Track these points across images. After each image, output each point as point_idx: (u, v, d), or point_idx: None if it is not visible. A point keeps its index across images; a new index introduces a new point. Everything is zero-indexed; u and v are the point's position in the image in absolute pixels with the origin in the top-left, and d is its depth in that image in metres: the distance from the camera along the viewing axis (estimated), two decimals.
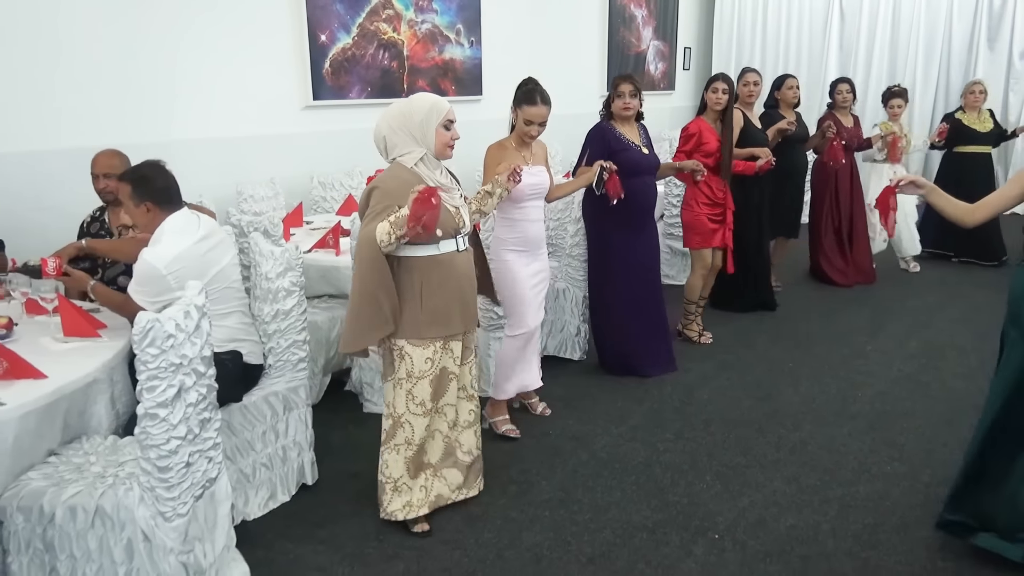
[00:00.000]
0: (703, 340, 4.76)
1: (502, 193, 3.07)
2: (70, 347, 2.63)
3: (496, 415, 3.56)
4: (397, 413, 2.74)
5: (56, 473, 2.29)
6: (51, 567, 2.22)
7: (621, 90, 3.93)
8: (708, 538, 2.78)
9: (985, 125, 6.42)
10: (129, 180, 2.68)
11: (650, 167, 4.05)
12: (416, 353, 2.67)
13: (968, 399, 3.93)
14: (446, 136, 2.67)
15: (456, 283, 2.70)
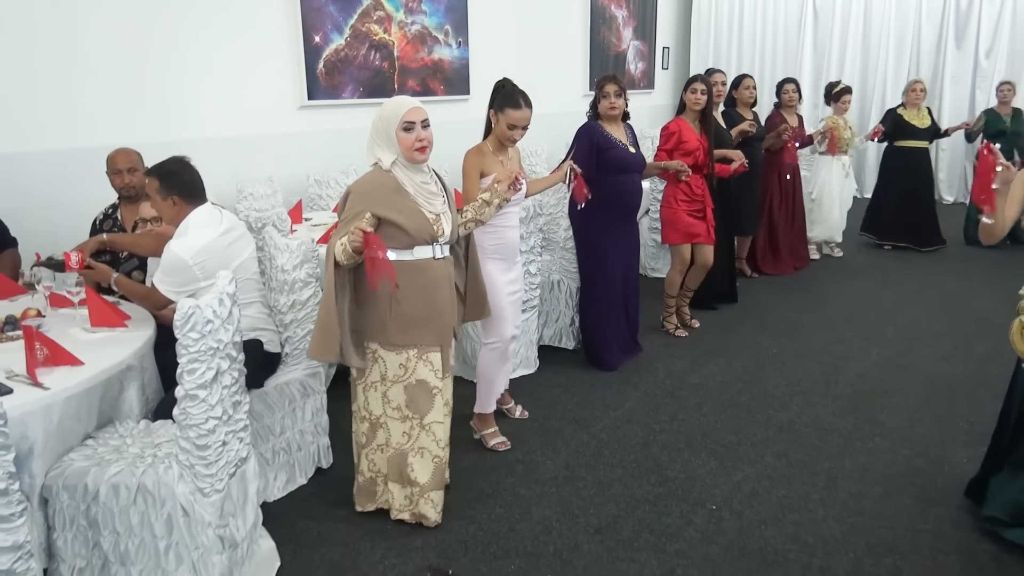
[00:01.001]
0: (678, 334, 4.86)
1: (501, 203, 3.01)
2: (98, 337, 2.75)
3: (485, 428, 3.48)
4: (374, 416, 2.73)
5: (96, 454, 2.41)
6: (94, 542, 2.35)
7: (606, 90, 4.00)
8: (706, 509, 2.97)
9: (924, 121, 6.78)
10: (157, 175, 2.81)
11: (636, 165, 4.13)
12: (389, 358, 2.65)
13: (943, 380, 4.16)
14: (408, 139, 2.55)
15: (429, 292, 2.64)
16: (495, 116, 3.22)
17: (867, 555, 2.67)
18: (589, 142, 4.01)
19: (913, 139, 6.77)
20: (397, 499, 2.80)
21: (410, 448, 2.72)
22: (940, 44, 9.34)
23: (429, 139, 2.58)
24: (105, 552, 2.34)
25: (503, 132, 3.21)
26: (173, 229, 3.09)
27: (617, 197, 4.07)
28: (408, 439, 2.72)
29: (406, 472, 2.74)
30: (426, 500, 2.78)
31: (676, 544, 2.74)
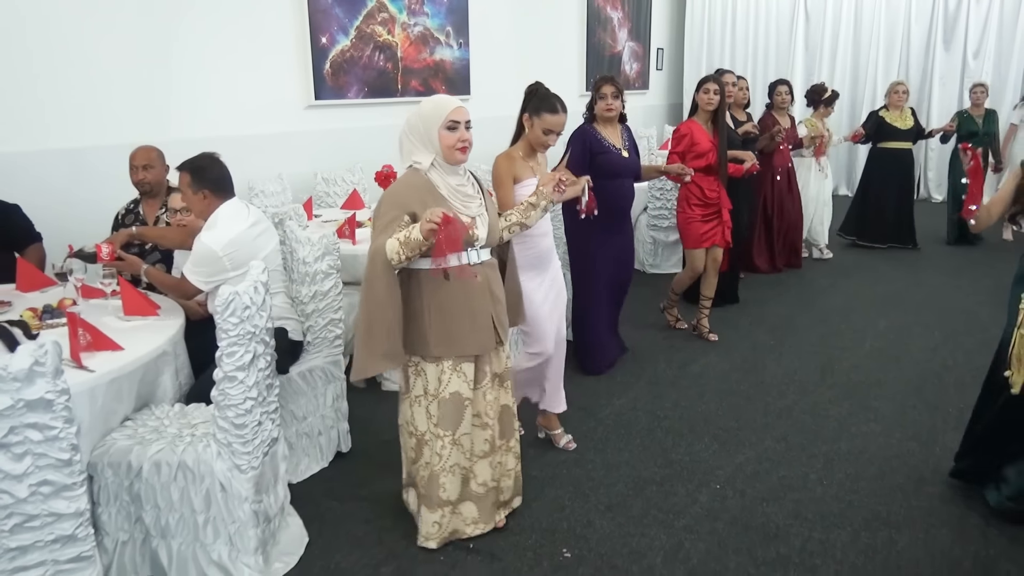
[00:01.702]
0: (679, 326, 4.96)
1: (547, 205, 2.81)
2: (132, 325, 2.88)
3: (553, 427, 3.49)
4: (420, 431, 2.65)
5: (137, 434, 2.54)
6: (136, 517, 2.48)
7: (603, 92, 3.91)
8: (711, 488, 3.12)
9: (906, 123, 6.86)
10: (188, 169, 2.94)
11: (629, 170, 4.04)
12: (430, 370, 2.59)
13: (933, 369, 4.33)
14: (451, 138, 2.47)
15: (466, 299, 2.55)
16: (529, 121, 3.15)
17: (864, 529, 2.83)
18: (582, 146, 3.94)
19: (896, 140, 6.85)
20: (424, 526, 2.71)
21: (442, 468, 2.65)
22: (929, 45, 9.55)
23: (471, 140, 2.52)
24: (147, 526, 2.48)
25: (537, 137, 3.14)
26: (199, 222, 3.22)
27: (608, 201, 3.86)
28: (439, 459, 2.64)
29: (437, 494, 2.67)
30: (457, 515, 2.73)
31: (683, 520, 2.89)
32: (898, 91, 6.83)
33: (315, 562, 2.66)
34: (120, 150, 3.86)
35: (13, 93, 4.01)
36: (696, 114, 4.63)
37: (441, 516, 2.70)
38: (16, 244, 3.72)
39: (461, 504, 2.73)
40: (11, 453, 1.84)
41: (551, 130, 3.11)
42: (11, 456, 1.84)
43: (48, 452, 1.88)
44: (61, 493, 1.92)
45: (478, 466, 2.73)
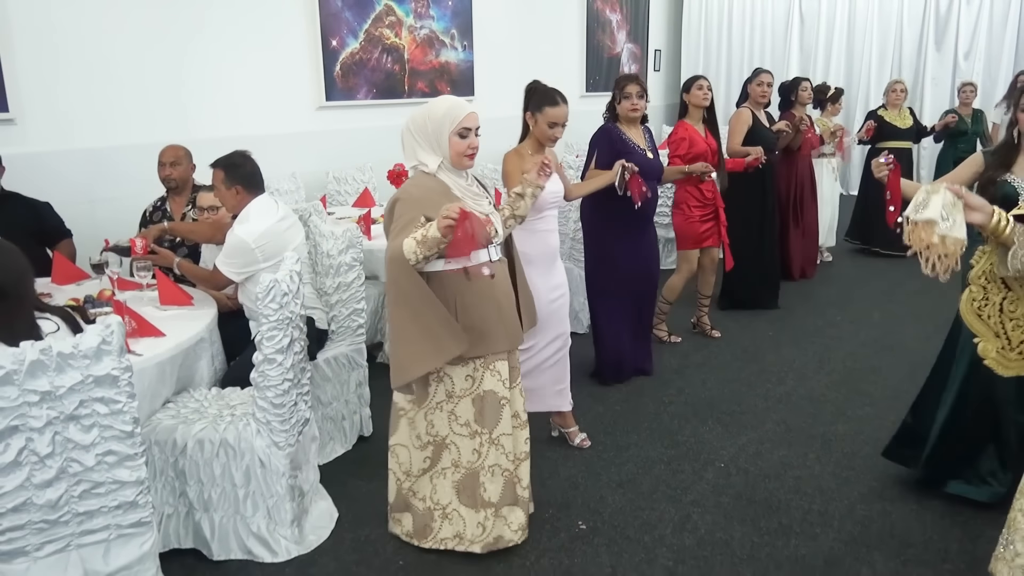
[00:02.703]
0: (673, 339, 4.81)
1: (534, 192, 2.79)
2: (169, 314, 3.04)
3: (567, 425, 3.51)
4: (440, 436, 2.59)
5: (180, 414, 2.71)
6: (180, 491, 2.65)
7: (628, 91, 3.83)
8: (715, 467, 3.30)
9: (905, 122, 6.87)
10: (222, 166, 3.11)
11: (654, 171, 3.95)
12: (455, 372, 2.53)
13: (925, 357, 4.45)
14: (461, 145, 2.46)
15: (492, 296, 2.54)
16: (532, 118, 3.20)
17: (860, 502, 3.01)
18: (609, 145, 3.85)
19: (896, 140, 6.75)
20: (470, 528, 2.62)
21: (481, 466, 2.58)
22: (921, 46, 9.75)
23: (478, 147, 2.53)
24: (191, 500, 2.65)
25: (543, 132, 3.18)
26: (227, 217, 3.39)
27: (629, 204, 3.79)
28: (478, 456, 2.58)
29: (479, 493, 2.59)
30: (500, 520, 2.63)
31: (690, 495, 3.07)
32: (896, 89, 6.83)
33: (345, 535, 2.82)
34: (141, 150, 4.04)
35: (41, 96, 4.18)
36: (687, 115, 4.57)
37: (484, 518, 2.60)
38: (48, 240, 3.88)
39: (505, 508, 2.64)
40: (81, 425, 2.01)
41: (555, 122, 3.17)
42: (81, 428, 2.01)
43: (113, 424, 2.05)
44: (124, 462, 2.09)
45: (521, 469, 2.66)
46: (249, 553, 2.66)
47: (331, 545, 2.77)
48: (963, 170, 2.93)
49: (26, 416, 1.93)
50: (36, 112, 4.18)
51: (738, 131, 5.09)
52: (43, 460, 1.97)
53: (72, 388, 1.97)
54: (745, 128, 5.09)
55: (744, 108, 5.16)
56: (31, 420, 1.94)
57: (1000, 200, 2.67)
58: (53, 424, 1.97)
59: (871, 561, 2.65)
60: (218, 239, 3.37)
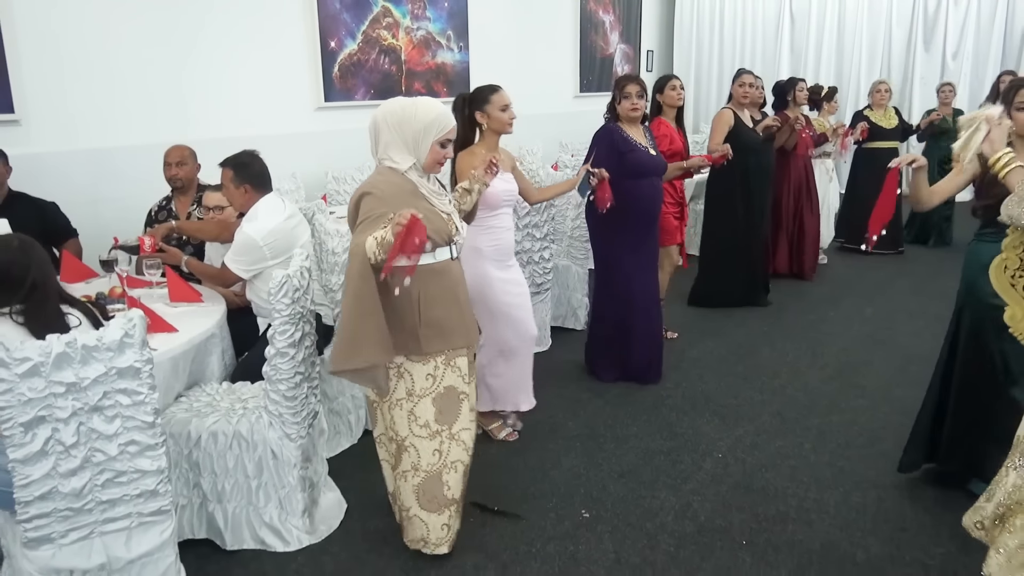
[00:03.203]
0: (669, 335, 4.77)
1: (480, 188, 2.83)
2: (180, 311, 3.10)
3: (491, 422, 3.55)
4: (400, 436, 2.57)
5: (193, 408, 2.77)
6: (195, 483, 2.71)
7: (628, 91, 3.87)
8: (713, 457, 3.38)
9: (891, 122, 6.93)
10: (232, 165, 3.17)
11: (657, 168, 3.99)
12: (416, 370, 2.51)
13: (916, 351, 4.61)
14: (440, 154, 2.51)
15: (453, 292, 2.57)
16: (483, 115, 3.25)
17: (854, 489, 3.10)
18: (610, 145, 3.88)
19: (882, 140, 6.80)
20: (433, 532, 2.62)
21: (443, 464, 2.59)
22: (910, 47, 9.87)
23: (450, 156, 2.64)
24: (204, 491, 2.71)
25: (500, 119, 3.24)
26: (233, 216, 3.46)
27: (637, 203, 3.89)
28: (439, 456, 2.58)
29: (442, 493, 2.60)
30: (458, 512, 2.69)
31: (690, 484, 3.15)
32: (880, 90, 6.91)
33: (355, 525, 2.89)
34: (143, 150, 4.10)
35: (45, 97, 4.23)
36: (662, 113, 4.65)
37: (448, 517, 2.63)
38: (54, 239, 3.93)
39: (462, 501, 2.70)
40: (104, 415, 2.07)
41: (506, 104, 3.25)
42: (104, 418, 2.07)
43: (135, 415, 2.11)
44: (145, 452, 2.15)
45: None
46: (262, 543, 2.73)
47: (341, 535, 2.84)
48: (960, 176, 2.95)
49: (52, 407, 1.99)
50: (41, 113, 4.23)
51: (718, 131, 5.12)
52: (68, 450, 2.03)
53: (96, 380, 2.04)
54: (726, 128, 5.12)
55: (726, 109, 5.24)
56: (57, 411, 2.00)
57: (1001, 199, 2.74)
58: (78, 415, 2.03)
59: (866, 545, 2.74)
60: (225, 238, 3.44)
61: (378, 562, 2.68)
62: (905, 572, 2.60)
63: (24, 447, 1.98)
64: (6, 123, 4.08)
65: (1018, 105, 2.68)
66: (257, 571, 2.63)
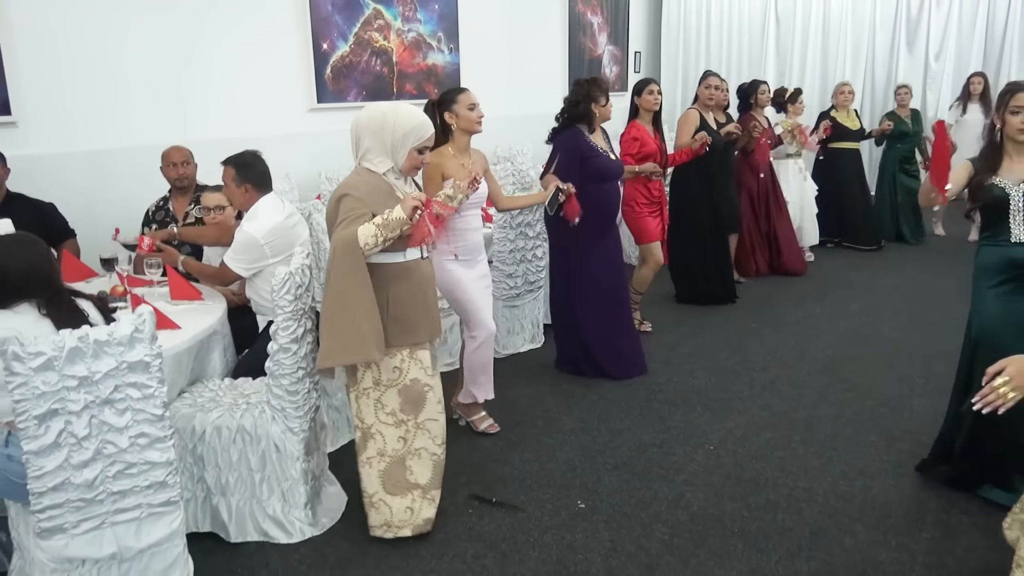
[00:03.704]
0: (644, 328, 4.97)
1: (462, 199, 2.87)
2: (181, 308, 3.15)
3: (474, 414, 3.62)
4: (366, 424, 2.69)
5: (197, 403, 2.83)
6: (199, 477, 2.77)
7: (600, 99, 4.03)
8: (705, 449, 3.46)
9: (854, 123, 7.09)
10: (234, 165, 3.23)
11: (617, 172, 4.14)
12: (383, 362, 2.62)
13: (901, 345, 4.72)
14: (417, 160, 2.63)
15: (421, 290, 2.69)
16: (452, 115, 3.29)
17: (842, 478, 3.19)
18: (575, 151, 3.97)
19: (845, 141, 6.97)
20: (397, 514, 2.74)
21: (407, 451, 2.72)
22: (893, 49, 10.01)
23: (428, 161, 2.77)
24: (208, 485, 2.77)
25: (468, 118, 3.29)
26: (232, 218, 3.51)
27: (599, 205, 4.01)
28: (404, 443, 2.71)
29: (405, 477, 2.72)
30: (429, 501, 2.77)
31: (683, 475, 3.23)
32: (844, 91, 7.03)
33: (356, 517, 2.94)
34: (139, 152, 4.13)
35: (43, 99, 4.26)
36: (639, 116, 4.76)
37: (412, 500, 2.73)
38: (53, 240, 3.90)
39: (434, 491, 2.78)
40: (115, 408, 2.12)
41: (474, 103, 3.30)
42: (115, 411, 2.12)
43: (145, 408, 2.17)
44: (154, 444, 2.20)
45: (443, 453, 2.80)
46: (265, 535, 2.79)
47: (343, 527, 2.90)
48: (958, 175, 2.94)
49: (65, 400, 2.04)
50: (38, 115, 4.26)
51: (685, 131, 5.21)
52: (80, 442, 2.08)
53: (107, 374, 2.09)
54: (692, 128, 5.20)
55: (692, 109, 5.34)
56: (70, 404, 2.05)
57: (991, 202, 2.81)
58: (90, 408, 2.08)
59: (853, 531, 2.83)
60: (225, 242, 3.48)
61: (379, 551, 2.74)
62: (892, 556, 2.68)
63: (38, 439, 2.03)
64: (4, 125, 4.11)
65: (1012, 109, 2.75)
66: (261, 562, 2.69)
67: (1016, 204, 2.76)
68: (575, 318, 4.22)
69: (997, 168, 2.81)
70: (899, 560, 2.66)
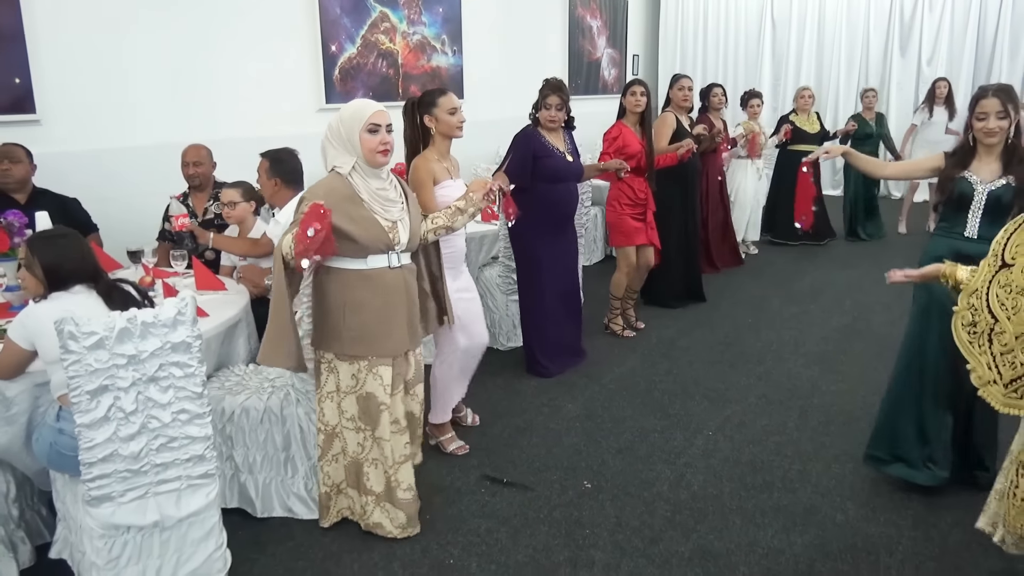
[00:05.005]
0: (626, 334, 4.97)
1: (475, 212, 2.90)
2: (206, 298, 3.31)
3: (442, 434, 3.49)
4: (330, 426, 2.73)
5: (225, 386, 2.99)
6: (227, 455, 2.92)
7: (549, 102, 4.00)
8: (704, 435, 3.63)
9: (813, 126, 7.33)
10: (269, 158, 3.41)
11: (573, 174, 4.13)
12: (343, 368, 2.65)
13: (892, 340, 4.84)
14: (372, 141, 2.53)
15: (384, 301, 2.61)
16: (431, 118, 3.22)
17: (834, 461, 3.37)
18: (525, 149, 4.00)
19: (804, 143, 7.07)
20: (357, 504, 2.82)
21: (365, 458, 2.74)
22: (886, 52, 10.21)
23: (392, 143, 2.58)
24: (237, 463, 2.93)
25: (448, 123, 3.20)
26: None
27: (551, 205, 4.05)
28: (363, 449, 2.73)
29: (362, 481, 2.77)
30: (382, 509, 2.78)
31: (683, 459, 3.41)
32: (804, 96, 7.33)
33: None
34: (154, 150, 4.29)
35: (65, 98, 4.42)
36: (624, 117, 4.79)
37: (366, 503, 2.79)
38: None
39: (387, 504, 2.77)
40: (159, 386, 2.28)
41: (455, 107, 3.21)
42: (159, 388, 2.28)
43: (186, 386, 2.32)
44: (194, 420, 2.36)
45: (401, 472, 2.75)
46: (289, 511, 2.95)
47: None
48: (924, 163, 3.24)
49: (115, 377, 2.20)
50: (61, 113, 4.42)
51: (663, 134, 5.31)
52: (128, 416, 2.24)
53: (153, 353, 2.25)
54: (670, 131, 5.33)
55: (667, 112, 5.47)
56: (119, 380, 2.21)
57: (957, 195, 2.99)
58: (137, 384, 2.24)
59: (844, 508, 3.00)
60: (255, 254, 3.65)
61: None
62: (880, 531, 2.86)
63: (90, 413, 2.18)
64: (29, 123, 4.27)
65: (978, 115, 2.93)
66: (287, 535, 2.85)
67: (978, 201, 2.93)
68: (534, 315, 4.25)
69: (967, 164, 2.98)
70: (887, 534, 2.84)
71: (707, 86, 6.71)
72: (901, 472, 3.11)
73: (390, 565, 2.69)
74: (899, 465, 3.12)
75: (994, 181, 2.90)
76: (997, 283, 1.85)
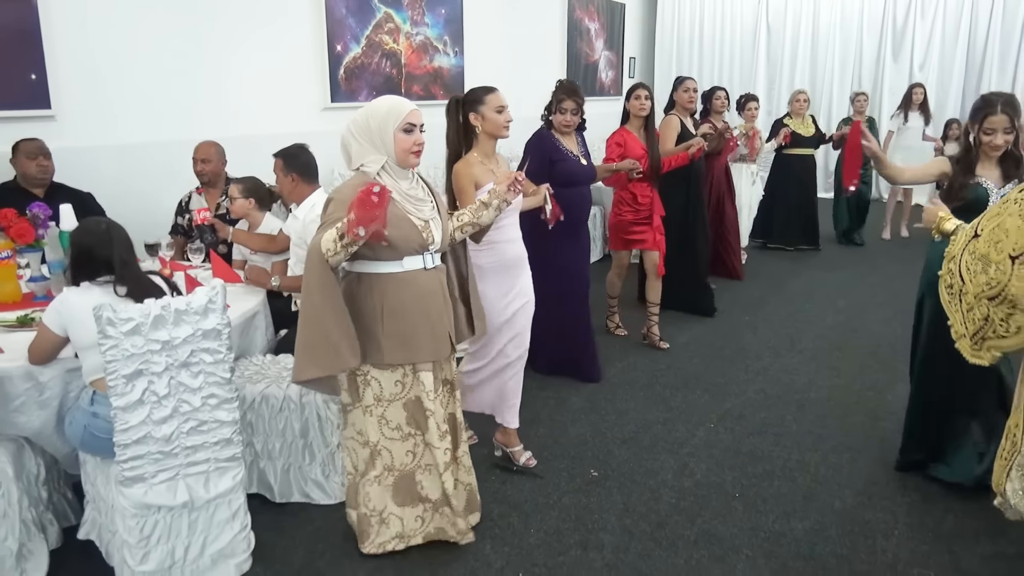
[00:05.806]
0: (618, 332, 5.04)
1: (500, 204, 2.72)
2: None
3: (511, 444, 3.36)
4: (372, 441, 2.58)
5: (244, 375, 3.08)
6: (247, 442, 3.01)
7: (565, 107, 3.91)
8: (705, 426, 3.75)
9: (808, 130, 7.37)
10: (282, 156, 3.50)
11: (587, 177, 4.08)
12: (384, 377, 2.53)
13: (886, 338, 5.02)
14: (407, 141, 2.43)
15: (422, 304, 2.51)
16: (478, 117, 3.10)
17: (831, 452, 3.48)
18: (541, 153, 3.93)
19: (800, 147, 7.27)
20: (408, 524, 2.68)
21: (417, 466, 2.63)
22: (879, 58, 10.38)
23: (423, 143, 2.50)
24: (256, 450, 3.02)
25: (495, 121, 3.09)
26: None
27: (566, 209, 3.65)
28: (413, 457, 2.62)
29: (415, 490, 2.65)
30: (441, 515, 2.70)
31: (686, 449, 3.52)
32: (799, 99, 7.38)
33: None
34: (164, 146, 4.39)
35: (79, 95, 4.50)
36: (628, 122, 4.72)
37: (424, 511, 2.68)
38: None
39: (446, 508, 2.69)
40: (190, 371, 2.38)
41: (502, 105, 3.09)
42: (190, 373, 2.38)
43: (215, 372, 2.42)
44: (223, 405, 2.46)
45: (446, 477, 2.65)
46: (307, 497, 3.04)
47: None
48: (931, 168, 3.28)
49: (149, 362, 2.29)
50: (75, 109, 4.50)
51: (668, 137, 5.29)
52: (161, 400, 2.33)
53: (185, 339, 2.34)
54: (675, 134, 5.31)
55: (672, 115, 5.43)
56: (153, 365, 2.30)
57: (972, 201, 3.02)
58: (169, 370, 2.33)
59: (842, 496, 3.12)
60: (271, 249, 3.74)
61: None
62: (877, 517, 2.98)
63: (125, 396, 2.27)
64: (44, 118, 4.34)
65: (986, 130, 3.02)
66: (306, 520, 2.95)
67: None
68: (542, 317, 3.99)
69: (974, 168, 3.09)
70: (883, 520, 2.96)
71: (710, 89, 6.66)
72: (944, 474, 3.15)
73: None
74: (941, 466, 3.18)
75: (1006, 185, 3.02)
76: (968, 251, 2.04)
